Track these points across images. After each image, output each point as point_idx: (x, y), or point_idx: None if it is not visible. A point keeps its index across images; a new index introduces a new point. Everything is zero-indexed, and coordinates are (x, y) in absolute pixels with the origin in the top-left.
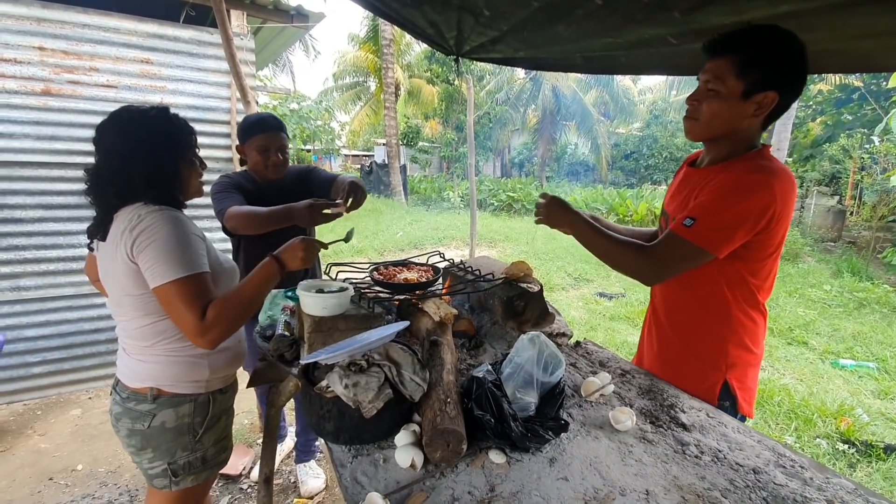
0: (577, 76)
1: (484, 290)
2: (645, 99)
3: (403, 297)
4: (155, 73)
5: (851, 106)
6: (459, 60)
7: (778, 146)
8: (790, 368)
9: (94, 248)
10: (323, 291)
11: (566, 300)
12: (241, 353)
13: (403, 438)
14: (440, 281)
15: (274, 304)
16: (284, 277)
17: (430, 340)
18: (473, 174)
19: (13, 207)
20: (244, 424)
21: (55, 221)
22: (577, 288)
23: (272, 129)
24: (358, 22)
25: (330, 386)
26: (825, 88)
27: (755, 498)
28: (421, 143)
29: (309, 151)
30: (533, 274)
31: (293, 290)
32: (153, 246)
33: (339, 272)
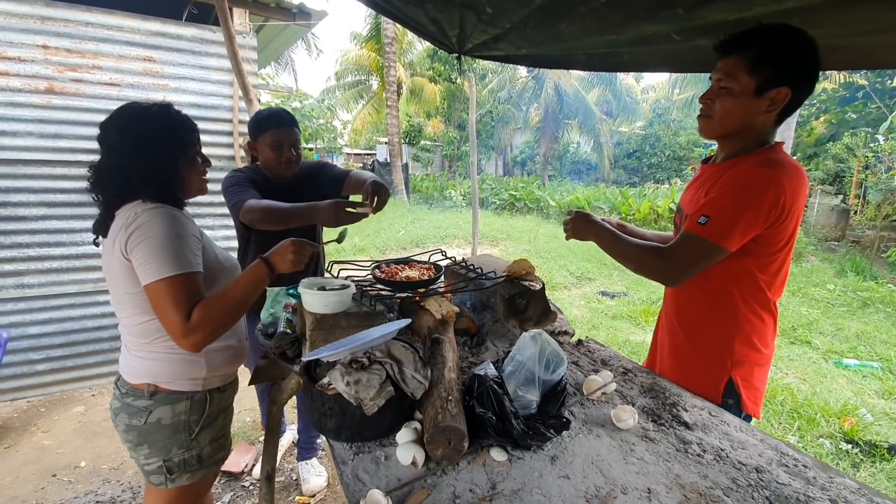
0: (579, 74)
1: (486, 287)
2: (648, 97)
3: (405, 294)
4: (157, 71)
5: (856, 104)
6: (462, 58)
7: None
8: (793, 368)
9: (99, 244)
10: (325, 289)
11: (568, 299)
12: (241, 351)
13: (405, 436)
14: (442, 279)
15: (276, 301)
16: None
17: (431, 338)
18: (475, 172)
19: (17, 205)
20: (246, 422)
21: (58, 219)
22: (579, 286)
23: (286, 124)
24: (360, 20)
25: (331, 383)
26: (829, 86)
27: (758, 497)
28: (423, 141)
29: (311, 150)
30: (535, 272)
31: (295, 287)
32: (145, 243)
33: (340, 270)
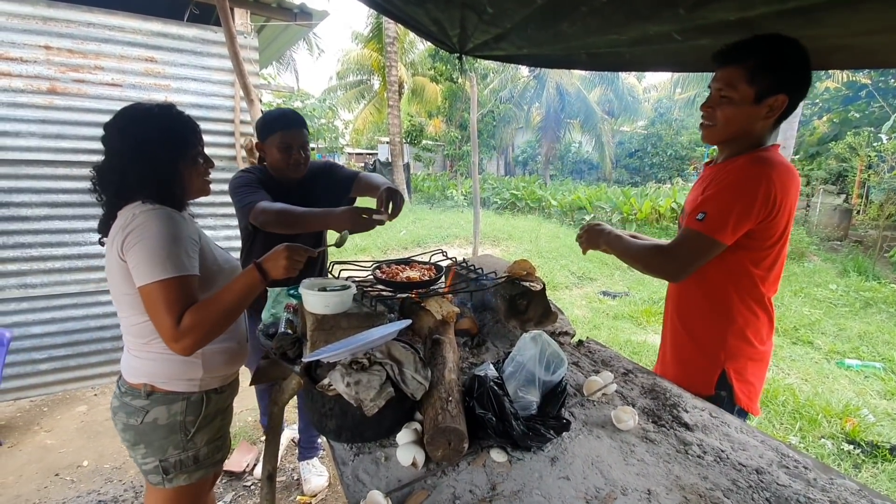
0: (581, 74)
1: (486, 288)
2: (650, 97)
3: (406, 295)
4: (159, 71)
5: (859, 103)
6: (463, 58)
7: (784, 144)
8: (795, 368)
9: (104, 243)
10: (325, 290)
11: (569, 299)
12: (240, 353)
13: (405, 437)
14: (442, 279)
15: (277, 302)
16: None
17: (432, 339)
18: (477, 172)
19: (19, 206)
20: (248, 422)
21: (61, 220)
22: (580, 286)
23: (295, 125)
24: (362, 20)
25: (332, 384)
26: (832, 86)
27: (758, 498)
28: (424, 141)
29: (313, 150)
30: (536, 272)
31: (296, 288)
32: (140, 245)
33: (341, 270)
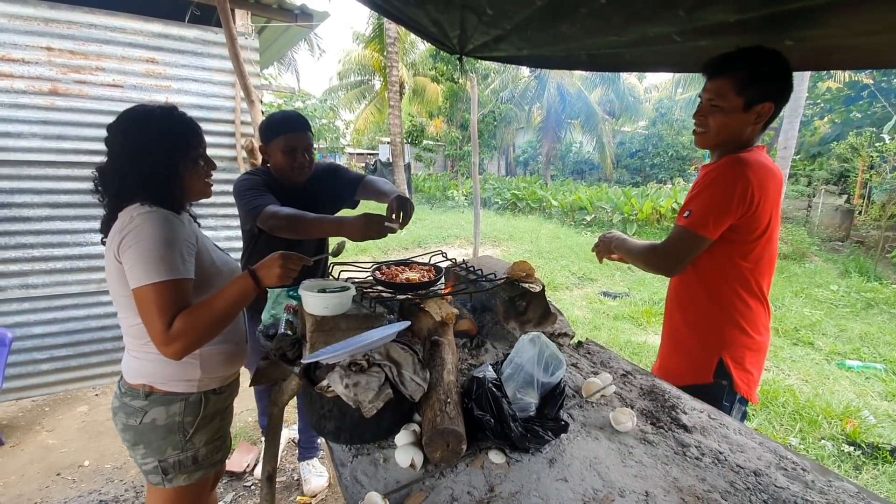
0: (581, 74)
1: (486, 289)
2: (651, 97)
3: (405, 296)
4: (160, 72)
5: (861, 103)
6: (463, 59)
7: (785, 144)
8: (795, 369)
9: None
10: (325, 291)
11: (570, 299)
12: (239, 354)
13: (403, 438)
14: (442, 281)
15: (277, 303)
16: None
17: (431, 340)
18: (477, 173)
19: (21, 206)
20: (248, 422)
21: (62, 220)
22: (580, 287)
23: (299, 128)
24: (363, 21)
25: (330, 385)
26: (834, 86)
27: (755, 500)
28: (425, 141)
29: (314, 150)
30: (536, 273)
31: (296, 289)
32: (135, 247)
33: (341, 272)
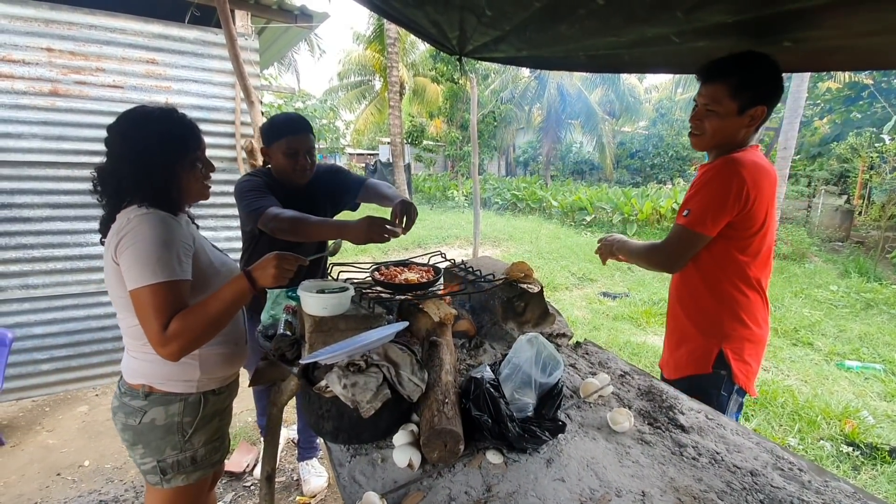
0: (582, 74)
1: (484, 290)
2: (651, 97)
3: (404, 297)
4: (160, 73)
5: (861, 104)
6: (463, 60)
7: (785, 144)
8: (795, 369)
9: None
10: (324, 292)
11: (570, 300)
12: (238, 354)
13: (401, 438)
14: (441, 281)
15: (276, 303)
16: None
17: (429, 341)
18: (477, 173)
19: (21, 207)
20: (248, 422)
21: (63, 220)
22: (580, 287)
23: (301, 130)
24: (363, 21)
25: (329, 386)
26: (834, 86)
27: (752, 500)
28: (425, 141)
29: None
30: (534, 274)
31: (295, 290)
32: (131, 249)
33: (340, 272)
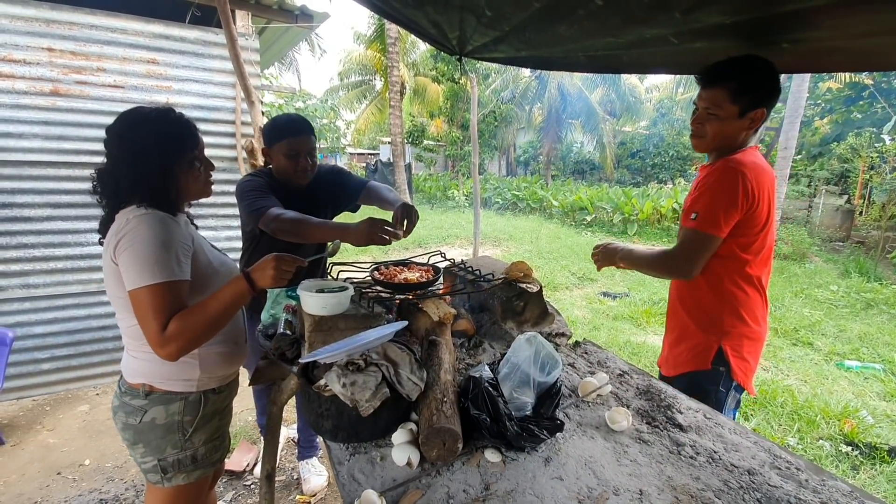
0: (582, 74)
1: (483, 289)
2: (651, 97)
3: (403, 296)
4: (161, 73)
5: (861, 104)
6: (463, 60)
7: (785, 144)
8: (794, 369)
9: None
10: (324, 291)
11: (570, 299)
12: (238, 354)
13: (400, 437)
14: (440, 281)
15: (276, 303)
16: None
17: (428, 340)
18: (477, 173)
19: (22, 206)
20: (248, 421)
21: (63, 220)
22: (580, 287)
23: (303, 132)
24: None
25: (328, 385)
26: (834, 86)
27: (749, 499)
28: (426, 141)
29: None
30: (533, 274)
31: (295, 289)
32: (130, 250)
33: (340, 272)
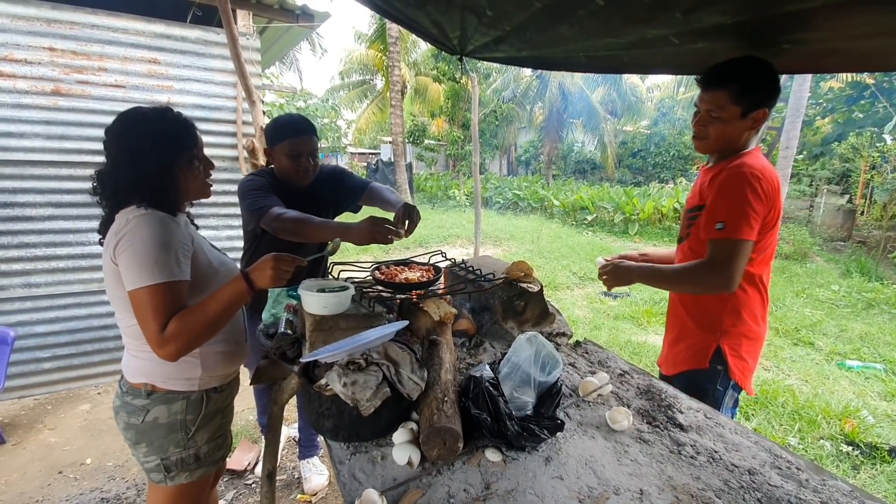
0: (583, 73)
1: (484, 289)
2: (653, 96)
3: (404, 296)
4: (162, 72)
5: (862, 103)
6: (464, 59)
7: (787, 144)
8: (795, 369)
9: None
10: (325, 291)
11: (571, 299)
12: (238, 352)
13: (401, 436)
14: (441, 280)
15: (277, 302)
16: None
17: (429, 340)
18: (478, 172)
19: (24, 206)
20: (249, 420)
21: (65, 219)
22: (581, 287)
23: (304, 132)
24: (365, 20)
25: (329, 384)
26: (836, 86)
27: (749, 499)
28: (427, 141)
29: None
30: (534, 274)
31: (296, 288)
32: (130, 250)
33: (341, 271)
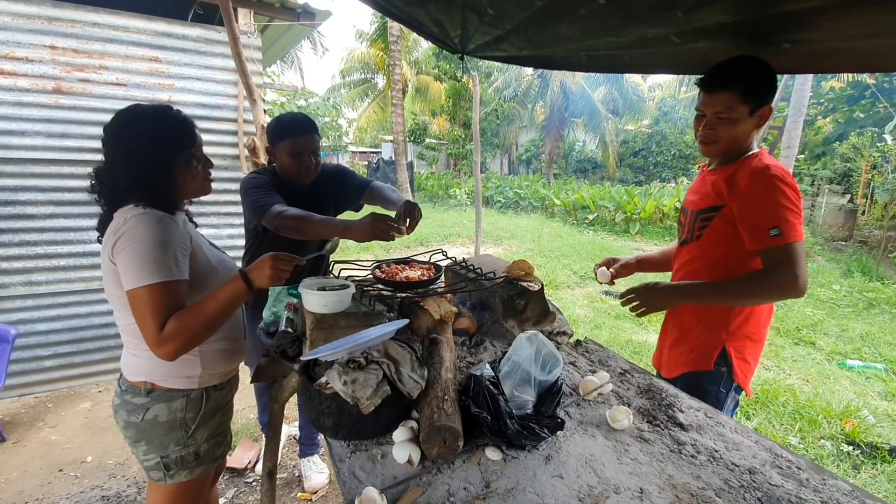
0: (584, 73)
1: (484, 288)
2: (654, 96)
3: (404, 294)
4: (163, 71)
5: (863, 103)
6: (465, 58)
7: (788, 143)
8: (796, 369)
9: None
10: (325, 289)
11: (571, 298)
12: (238, 350)
13: (401, 435)
14: (441, 279)
15: (278, 300)
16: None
17: (429, 338)
18: (479, 171)
19: (25, 204)
20: (249, 419)
21: (66, 218)
22: (582, 286)
23: (306, 131)
24: (366, 19)
25: (329, 382)
26: (837, 86)
27: (749, 498)
28: (428, 139)
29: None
30: (535, 272)
31: (296, 287)
32: (128, 249)
33: (342, 270)
